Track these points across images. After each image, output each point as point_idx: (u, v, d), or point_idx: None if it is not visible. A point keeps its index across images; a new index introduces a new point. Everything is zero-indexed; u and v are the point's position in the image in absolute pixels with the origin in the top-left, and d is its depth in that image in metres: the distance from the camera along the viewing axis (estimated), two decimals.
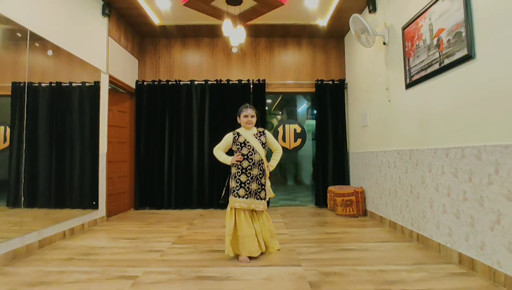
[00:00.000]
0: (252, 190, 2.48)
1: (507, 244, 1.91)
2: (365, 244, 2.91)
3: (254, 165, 2.49)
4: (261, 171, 2.53)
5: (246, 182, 2.48)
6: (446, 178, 2.50)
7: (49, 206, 3.21)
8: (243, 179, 2.48)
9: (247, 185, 2.47)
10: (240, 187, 2.47)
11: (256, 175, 2.50)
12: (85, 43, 3.61)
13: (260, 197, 2.52)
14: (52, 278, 2.14)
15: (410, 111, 3.10)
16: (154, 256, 2.59)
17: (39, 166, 2.97)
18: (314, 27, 4.90)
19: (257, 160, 2.50)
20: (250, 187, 2.48)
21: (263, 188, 2.54)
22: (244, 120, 2.58)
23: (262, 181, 2.53)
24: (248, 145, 2.52)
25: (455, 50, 2.37)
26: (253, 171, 2.49)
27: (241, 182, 2.48)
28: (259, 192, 2.51)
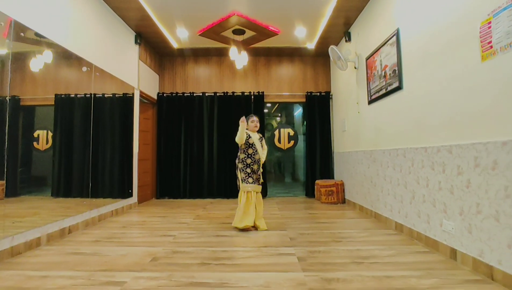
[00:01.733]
0: (254, 179, 3.52)
1: (417, 212, 2.96)
2: (335, 219, 3.97)
3: (254, 162, 3.52)
4: (258, 166, 3.56)
5: (251, 173, 3.49)
6: (390, 170, 3.55)
7: (102, 196, 4.23)
8: (249, 171, 3.49)
9: (251, 176, 3.49)
10: (248, 176, 3.48)
11: (256, 169, 3.54)
12: (124, 67, 4.68)
13: (259, 183, 3.55)
14: (119, 235, 3.22)
15: (371, 121, 4.15)
16: (182, 226, 3.65)
17: (92, 163, 4.03)
18: (304, 49, 5.96)
19: (257, 159, 3.52)
20: (253, 177, 3.51)
21: (260, 177, 3.58)
22: (252, 125, 3.60)
23: (258, 173, 3.58)
24: (253, 147, 3.52)
25: (393, 81, 3.42)
26: (254, 166, 3.52)
27: (248, 174, 3.49)
28: (257, 180, 3.55)
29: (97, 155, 4.18)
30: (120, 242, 2.99)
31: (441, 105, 2.61)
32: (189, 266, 2.33)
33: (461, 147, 2.33)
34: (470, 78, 2.26)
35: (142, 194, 5.56)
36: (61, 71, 3.63)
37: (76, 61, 3.68)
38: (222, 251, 2.69)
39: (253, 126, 3.63)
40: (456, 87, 2.42)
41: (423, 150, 2.86)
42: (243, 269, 2.27)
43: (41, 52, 3.19)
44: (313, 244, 2.88)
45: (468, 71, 2.28)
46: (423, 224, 2.85)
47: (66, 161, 3.71)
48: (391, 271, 2.20)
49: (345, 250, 2.69)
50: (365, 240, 2.99)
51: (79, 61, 3.67)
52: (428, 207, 2.77)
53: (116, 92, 4.55)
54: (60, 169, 3.67)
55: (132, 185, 4.88)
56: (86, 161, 3.93)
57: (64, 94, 3.72)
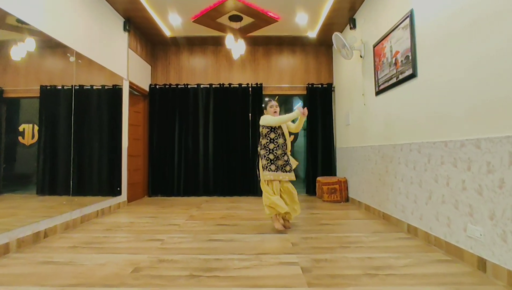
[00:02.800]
0: (279, 165, 3.17)
1: (435, 214, 2.64)
2: (340, 221, 3.65)
3: (278, 147, 3.18)
4: (283, 151, 3.22)
5: (274, 160, 3.16)
6: (402, 167, 3.23)
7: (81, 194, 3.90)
8: (272, 157, 3.16)
9: (274, 162, 3.16)
10: (271, 163, 3.15)
11: (280, 154, 3.19)
12: (112, 55, 4.32)
13: (286, 170, 3.20)
14: (101, 240, 2.88)
15: (379, 114, 3.81)
16: (173, 229, 3.32)
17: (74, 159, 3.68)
18: (306, 38, 5.60)
19: (281, 144, 3.20)
20: (277, 163, 3.17)
21: (287, 163, 3.22)
22: (271, 110, 3.31)
23: (285, 158, 3.21)
24: (276, 131, 3.20)
25: (405, 69, 3.08)
26: (278, 151, 3.17)
27: (270, 160, 3.16)
28: (284, 166, 3.20)
29: (83, 150, 3.84)
30: (101, 248, 2.65)
31: (465, 93, 2.27)
32: (175, 279, 2.00)
33: (492, 140, 2.00)
34: (502, 60, 1.92)
35: (133, 192, 5.22)
36: (46, 60, 3.32)
37: (60, 50, 3.34)
38: (215, 259, 2.36)
39: (272, 112, 3.32)
40: (484, 72, 2.08)
41: (442, 145, 2.52)
42: (239, 283, 1.94)
43: (23, 39, 2.88)
44: (318, 250, 2.56)
45: (499, 53, 1.95)
46: (443, 228, 2.53)
47: (52, 157, 3.41)
48: (412, 286, 1.87)
49: (354, 258, 2.36)
50: (376, 246, 2.66)
51: (64, 49, 3.32)
52: (449, 208, 2.44)
53: (103, 83, 4.19)
54: (45, 165, 3.36)
55: (120, 182, 4.54)
56: (71, 157, 3.61)
57: (50, 85, 3.41)
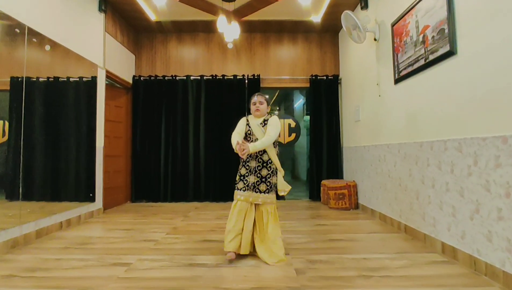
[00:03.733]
0: (249, 183, 2.38)
1: (486, 233, 2.00)
2: (354, 235, 3.01)
3: (251, 157, 2.41)
4: (260, 163, 2.41)
5: (245, 175, 2.42)
6: (432, 170, 2.58)
7: (47, 199, 3.28)
8: (243, 172, 2.44)
9: (246, 178, 2.41)
10: (240, 180, 2.44)
11: (254, 167, 2.41)
12: (82, 38, 3.67)
13: (260, 190, 2.39)
14: (50, 264, 2.23)
15: (399, 106, 3.17)
16: (147, 246, 2.67)
17: (37, 160, 3.04)
18: (309, 23, 4.96)
19: (254, 154, 2.41)
20: (248, 180, 2.39)
21: (264, 181, 2.40)
22: (253, 108, 2.51)
23: (262, 173, 2.40)
24: (249, 137, 2.47)
25: (439, 46, 2.44)
26: (251, 163, 2.42)
27: (241, 175, 2.45)
28: (257, 185, 2.39)
29: (51, 150, 3.22)
30: (43, 279, 2.00)
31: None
32: None
33: None
34: None
35: (112, 198, 4.57)
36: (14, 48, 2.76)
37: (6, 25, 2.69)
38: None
39: (254, 110, 2.52)
40: None
41: (498, 141, 1.88)
42: None
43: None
44: (332, 283, 1.91)
45: None
46: (500, 253, 1.88)
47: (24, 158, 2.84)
48: None
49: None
50: (408, 275, 2.02)
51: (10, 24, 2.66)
52: (510, 227, 1.80)
53: (73, 72, 3.55)
54: (15, 166, 2.79)
55: (94, 187, 3.88)
56: (39, 158, 3.05)
57: (20, 76, 2.84)
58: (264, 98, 2.53)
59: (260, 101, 2.50)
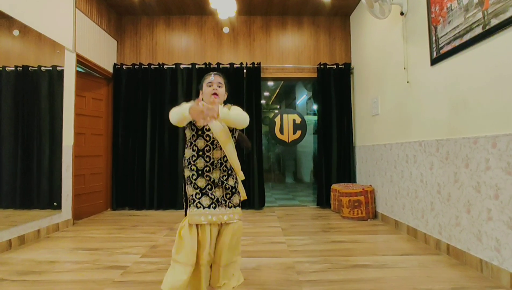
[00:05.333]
0: (218, 197, 1.68)
1: None
2: (382, 258, 2.32)
3: (213, 166, 1.68)
4: (225, 171, 1.72)
5: (207, 187, 1.68)
6: (493, 174, 1.91)
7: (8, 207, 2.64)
8: (201, 184, 1.67)
9: (210, 191, 1.67)
10: (201, 194, 1.66)
11: (219, 178, 1.70)
12: (43, 12, 2.99)
13: (233, 205, 1.71)
14: None
15: (438, 92, 2.50)
16: (113, 276, 1.99)
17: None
18: (317, 3, 4.27)
19: (217, 158, 1.69)
20: (215, 194, 1.68)
21: (235, 191, 1.74)
22: (209, 90, 1.72)
23: (230, 183, 1.72)
24: (207, 135, 1.67)
25: (508, 4, 1.77)
26: (212, 174, 1.69)
27: (200, 189, 1.67)
28: (229, 198, 1.71)
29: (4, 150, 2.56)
30: None
31: None
32: None
33: None
34: None
35: (87, 205, 3.89)
36: None
37: None
38: None
39: (209, 94, 1.72)
40: None
41: None
42: None
43: None
44: None
45: None
46: None
47: None
48: None
49: None
50: None
51: None
52: None
53: (31, 54, 2.87)
54: None
55: (60, 194, 3.20)
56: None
57: None
58: (224, 80, 1.78)
59: (219, 82, 1.75)
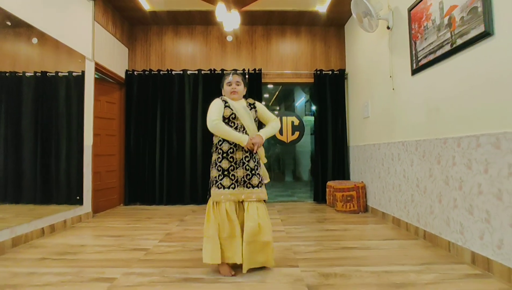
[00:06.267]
0: (239, 178, 1.99)
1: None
2: (368, 242, 2.69)
3: (237, 148, 2.00)
4: (247, 153, 2.03)
5: (230, 168, 1.99)
6: (459, 169, 2.28)
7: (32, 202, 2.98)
8: (225, 166, 1.99)
9: (231, 173, 1.99)
10: (223, 175, 1.98)
11: (241, 159, 2.01)
12: (68, 27, 3.35)
13: (251, 185, 2.00)
14: (19, 280, 1.91)
15: (417, 99, 2.87)
16: (137, 257, 2.35)
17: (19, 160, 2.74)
18: (314, 14, 4.65)
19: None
20: (236, 175, 1.99)
21: (254, 173, 2.02)
22: (228, 89, 2.09)
23: (250, 165, 2.02)
24: (232, 122, 2.03)
25: (470, 27, 2.14)
26: (236, 154, 2.01)
27: (223, 170, 1.98)
28: (249, 179, 2.00)
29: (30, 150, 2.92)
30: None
31: None
32: None
33: None
34: None
35: (103, 200, 4.25)
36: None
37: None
38: None
39: (229, 91, 2.11)
40: None
41: None
42: None
43: None
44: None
45: None
46: None
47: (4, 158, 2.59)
48: None
49: None
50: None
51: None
52: None
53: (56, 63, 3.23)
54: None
55: (81, 189, 3.56)
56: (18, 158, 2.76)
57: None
58: (241, 78, 2.14)
59: (237, 81, 2.10)
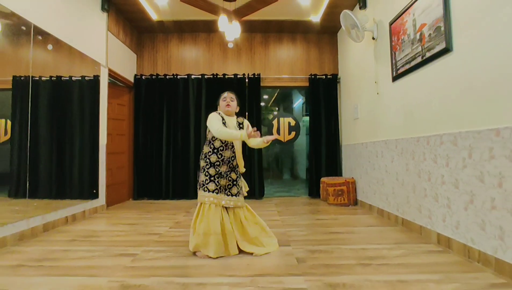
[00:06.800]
0: (221, 186, 2.34)
1: (480, 223, 2.08)
2: (352, 228, 3.08)
3: (222, 162, 2.35)
4: (230, 168, 2.40)
5: (216, 176, 2.33)
6: (428, 164, 2.66)
7: (52, 196, 3.34)
8: (212, 173, 2.33)
9: (217, 180, 2.33)
10: (209, 181, 2.32)
11: (224, 172, 2.37)
12: (85, 37, 3.74)
13: (231, 193, 2.37)
14: (57, 255, 2.30)
15: (396, 103, 3.26)
16: (152, 239, 2.74)
17: (42, 158, 3.10)
18: (308, 23, 5.04)
19: (227, 157, 2.37)
20: (220, 183, 2.34)
21: (234, 184, 2.40)
22: (223, 104, 2.43)
23: (232, 176, 2.40)
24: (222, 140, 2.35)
25: (435, 43, 2.53)
26: (221, 167, 2.35)
27: (210, 176, 2.33)
28: (229, 188, 2.37)
29: (55, 148, 3.27)
30: (51, 268, 2.06)
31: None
32: None
33: None
34: None
35: (115, 194, 4.64)
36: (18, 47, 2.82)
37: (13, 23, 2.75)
38: (197, 284, 1.79)
39: (224, 106, 2.43)
40: None
41: (492, 134, 1.96)
42: None
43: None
44: (332, 270, 1.99)
45: None
46: (492, 241, 1.96)
47: (25, 156, 2.88)
48: None
49: (382, 282, 1.80)
50: (404, 263, 2.09)
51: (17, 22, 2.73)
52: (503, 216, 1.88)
53: (75, 70, 3.61)
54: (19, 165, 2.85)
55: (97, 184, 3.95)
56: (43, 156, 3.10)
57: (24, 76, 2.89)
58: (235, 96, 2.52)
59: (231, 98, 2.47)
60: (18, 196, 2.92)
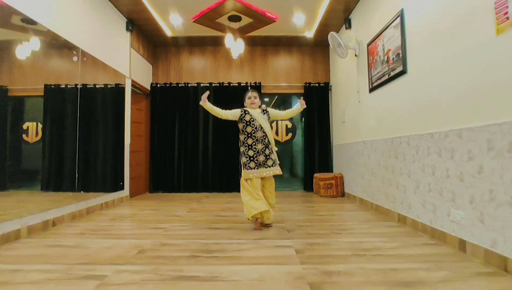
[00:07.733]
0: (260, 161, 3.00)
1: (422, 202, 2.79)
2: (334, 212, 3.80)
3: (257, 141, 3.00)
4: (264, 145, 3.03)
5: (254, 156, 3.00)
6: (392, 160, 3.38)
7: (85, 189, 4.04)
8: (251, 154, 2.99)
9: (255, 158, 2.99)
10: (250, 160, 2.99)
11: (261, 149, 3.01)
12: (115, 54, 4.48)
13: (268, 165, 3.04)
14: (107, 227, 3.03)
15: (372, 110, 3.97)
16: (175, 219, 3.47)
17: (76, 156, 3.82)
18: (303, 38, 5.76)
19: (260, 137, 3.00)
20: (259, 159, 3.00)
21: (269, 157, 3.03)
22: (249, 101, 3.12)
23: (266, 152, 3.02)
24: (252, 124, 3.01)
25: (396, 66, 3.24)
26: (257, 146, 3.00)
27: (249, 157, 3.00)
28: (266, 162, 3.02)
29: (87, 147, 3.98)
30: (106, 234, 2.80)
31: (450, 85, 2.43)
32: (177, 259, 2.15)
33: (473, 130, 2.16)
34: (482, 54, 2.08)
35: (135, 187, 5.37)
36: (51, 59, 3.45)
37: (65, 49, 3.48)
38: (214, 243, 2.51)
39: (249, 103, 3.13)
40: (467, 64, 2.24)
41: (428, 136, 2.68)
42: (236, 262, 2.10)
43: (27, 39, 2.99)
44: (312, 236, 2.71)
45: (480, 46, 2.11)
46: (429, 214, 2.68)
47: (56, 154, 3.53)
48: (396, 264, 2.02)
49: (345, 242, 2.52)
50: (367, 232, 2.82)
51: (68, 48, 3.46)
52: (434, 196, 2.60)
53: (107, 81, 4.34)
54: (50, 162, 3.49)
55: (123, 177, 4.69)
56: (75, 154, 3.76)
57: (54, 84, 3.55)
58: (257, 93, 3.23)
59: (254, 96, 3.16)
60: (48, 189, 3.64)
